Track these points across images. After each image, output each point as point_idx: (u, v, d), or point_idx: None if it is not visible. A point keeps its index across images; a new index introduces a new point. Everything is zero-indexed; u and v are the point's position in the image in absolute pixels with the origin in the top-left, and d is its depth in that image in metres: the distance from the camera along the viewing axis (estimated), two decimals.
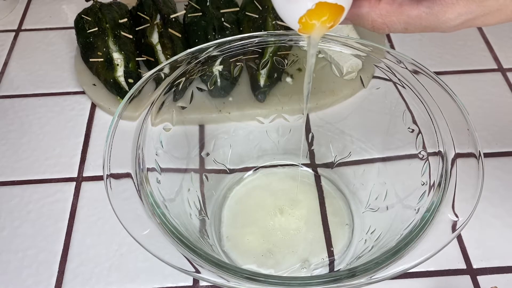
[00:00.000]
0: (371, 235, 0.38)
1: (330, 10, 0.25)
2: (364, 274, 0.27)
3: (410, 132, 0.37)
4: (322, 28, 0.26)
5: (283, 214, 0.43)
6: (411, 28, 0.25)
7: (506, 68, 0.56)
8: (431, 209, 0.30)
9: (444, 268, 0.40)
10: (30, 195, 0.46)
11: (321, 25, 0.25)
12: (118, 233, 0.43)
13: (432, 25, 0.24)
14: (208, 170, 0.44)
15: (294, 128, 0.47)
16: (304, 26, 0.25)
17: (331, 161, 0.46)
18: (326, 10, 0.24)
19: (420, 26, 0.24)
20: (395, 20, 0.25)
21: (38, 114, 0.53)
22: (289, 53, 0.49)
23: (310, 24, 0.25)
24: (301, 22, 0.25)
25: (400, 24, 0.25)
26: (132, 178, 0.31)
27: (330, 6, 0.24)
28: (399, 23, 0.25)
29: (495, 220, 0.43)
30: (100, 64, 0.53)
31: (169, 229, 0.29)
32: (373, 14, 0.25)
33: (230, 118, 0.48)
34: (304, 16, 0.25)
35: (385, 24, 0.25)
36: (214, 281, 0.27)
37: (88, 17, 0.56)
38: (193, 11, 0.57)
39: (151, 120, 0.35)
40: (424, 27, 0.24)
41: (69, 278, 0.41)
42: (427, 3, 0.23)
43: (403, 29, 0.25)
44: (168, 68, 0.37)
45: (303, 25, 0.25)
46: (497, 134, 0.49)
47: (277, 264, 0.40)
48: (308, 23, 0.25)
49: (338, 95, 0.49)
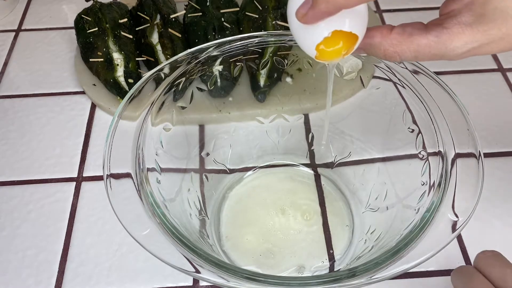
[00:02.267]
0: (371, 235, 0.38)
1: (345, 38, 0.26)
2: (364, 274, 0.27)
3: (410, 132, 0.37)
4: (338, 55, 0.27)
5: (283, 214, 0.43)
6: (420, 56, 0.26)
7: (506, 68, 0.56)
8: (431, 209, 0.30)
9: (444, 268, 0.40)
10: (30, 195, 0.46)
11: (337, 52, 0.27)
12: (118, 233, 0.43)
13: (440, 53, 0.25)
14: (208, 170, 0.44)
15: (294, 128, 0.47)
16: (321, 53, 0.27)
17: (331, 161, 0.46)
18: (342, 38, 0.26)
19: (429, 54, 0.26)
20: (406, 49, 0.26)
21: (38, 114, 0.53)
22: (289, 53, 0.49)
23: (326, 52, 0.27)
24: (318, 49, 0.27)
25: (410, 53, 0.26)
26: (132, 178, 0.31)
27: (345, 34, 0.26)
28: (409, 52, 0.26)
29: (495, 220, 0.43)
30: (100, 64, 0.53)
31: (169, 229, 0.29)
32: (385, 44, 0.26)
33: (230, 118, 0.48)
34: (321, 44, 0.26)
35: (396, 53, 0.26)
36: (214, 281, 0.27)
37: (88, 17, 0.56)
38: (193, 11, 0.57)
39: (151, 120, 0.35)
40: (433, 55, 0.26)
41: (69, 278, 0.41)
42: (435, 32, 0.25)
43: (413, 57, 0.26)
44: (168, 68, 0.37)
45: (320, 52, 0.27)
46: (497, 134, 0.49)
47: (277, 265, 0.40)
48: (324, 51, 0.27)
49: (338, 95, 0.49)
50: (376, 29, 0.27)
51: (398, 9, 0.64)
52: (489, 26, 0.24)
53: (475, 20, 0.24)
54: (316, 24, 0.26)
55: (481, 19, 0.24)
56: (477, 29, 0.24)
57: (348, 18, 0.26)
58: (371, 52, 0.28)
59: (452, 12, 0.25)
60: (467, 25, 0.24)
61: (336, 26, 0.26)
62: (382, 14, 0.63)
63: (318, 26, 0.26)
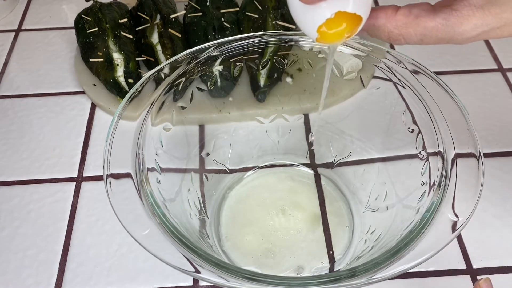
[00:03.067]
0: (371, 235, 0.38)
1: (348, 20, 0.25)
2: (364, 274, 0.27)
3: (410, 132, 0.37)
4: (340, 38, 0.26)
5: (283, 214, 0.43)
6: (426, 40, 0.25)
7: (506, 68, 0.56)
8: (431, 209, 0.30)
9: (444, 268, 0.40)
10: (30, 195, 0.46)
11: (340, 34, 0.26)
12: (118, 233, 0.43)
13: (448, 37, 0.24)
14: (208, 170, 0.44)
15: (294, 128, 0.47)
16: (322, 35, 0.26)
17: (331, 161, 0.46)
18: (345, 20, 0.25)
19: (436, 37, 0.24)
20: (412, 32, 0.25)
21: (38, 114, 0.53)
22: (289, 53, 0.49)
23: (328, 34, 0.26)
24: (319, 31, 0.26)
25: (416, 36, 0.25)
26: (132, 178, 0.31)
27: (349, 15, 0.25)
28: (415, 35, 0.25)
29: (495, 220, 0.43)
30: (100, 64, 0.53)
31: (169, 229, 0.29)
32: (390, 26, 0.25)
33: (230, 118, 0.48)
34: (323, 25, 0.25)
35: (401, 35, 0.25)
36: (214, 281, 0.27)
37: (88, 17, 0.56)
38: (193, 11, 0.57)
39: (151, 120, 0.35)
40: (440, 38, 0.24)
41: (69, 278, 0.41)
42: (443, 14, 0.24)
43: (419, 40, 0.25)
44: (168, 68, 0.37)
45: (322, 34, 0.26)
46: (497, 134, 0.49)
47: (276, 265, 0.40)
48: (326, 33, 0.25)
49: (338, 95, 0.49)
50: (381, 9, 0.26)
51: None
52: (501, 9, 0.23)
53: (487, 2, 0.23)
54: (318, 4, 0.24)
55: (494, 1, 0.23)
56: (489, 11, 0.23)
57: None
58: (374, 34, 0.26)
59: None
60: (478, 7, 0.23)
61: (340, 7, 0.24)
62: None
63: (320, 6, 0.24)
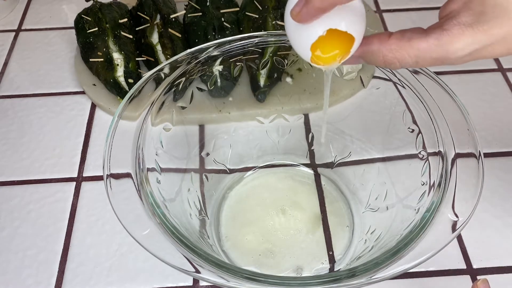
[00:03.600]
0: (371, 235, 0.38)
1: (340, 38, 0.25)
2: (364, 274, 0.27)
3: (410, 132, 0.37)
4: (334, 58, 0.26)
5: (283, 214, 0.43)
6: (421, 61, 0.25)
7: (506, 68, 0.56)
8: (431, 209, 0.30)
9: (444, 268, 0.40)
10: (30, 195, 0.46)
11: (333, 56, 0.26)
12: (118, 233, 0.43)
13: (441, 57, 0.24)
14: (208, 170, 0.44)
15: (294, 128, 0.47)
16: (315, 54, 0.26)
17: (331, 161, 0.46)
18: (337, 37, 0.25)
19: (430, 58, 0.25)
20: (406, 54, 0.25)
21: (38, 114, 0.53)
22: (289, 53, 0.49)
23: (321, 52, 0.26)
24: (312, 50, 0.26)
25: (410, 58, 0.25)
26: (132, 178, 0.31)
27: (341, 34, 0.25)
28: (409, 57, 0.25)
29: (495, 220, 0.43)
30: (100, 64, 0.53)
31: (169, 229, 0.29)
32: (384, 50, 0.26)
33: (230, 118, 0.48)
34: (316, 43, 0.25)
35: (396, 59, 0.26)
36: (214, 281, 0.27)
37: (88, 17, 0.56)
38: (193, 11, 0.57)
39: (151, 120, 0.35)
40: (434, 59, 0.25)
41: (69, 278, 0.41)
42: (435, 35, 0.24)
43: (414, 62, 0.25)
44: (168, 68, 0.37)
45: (314, 52, 0.26)
46: (497, 134, 0.49)
47: (276, 265, 0.40)
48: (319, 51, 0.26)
49: (338, 95, 0.49)
50: (374, 35, 0.26)
51: (398, 9, 0.64)
52: (489, 25, 0.23)
53: (475, 20, 0.23)
54: (311, 24, 0.25)
55: (481, 18, 0.23)
56: (478, 29, 0.23)
57: (344, 17, 0.25)
58: (369, 60, 0.27)
59: (452, 13, 0.24)
60: (467, 26, 0.23)
61: (331, 25, 0.25)
62: (382, 14, 0.63)
63: (312, 25, 0.25)
